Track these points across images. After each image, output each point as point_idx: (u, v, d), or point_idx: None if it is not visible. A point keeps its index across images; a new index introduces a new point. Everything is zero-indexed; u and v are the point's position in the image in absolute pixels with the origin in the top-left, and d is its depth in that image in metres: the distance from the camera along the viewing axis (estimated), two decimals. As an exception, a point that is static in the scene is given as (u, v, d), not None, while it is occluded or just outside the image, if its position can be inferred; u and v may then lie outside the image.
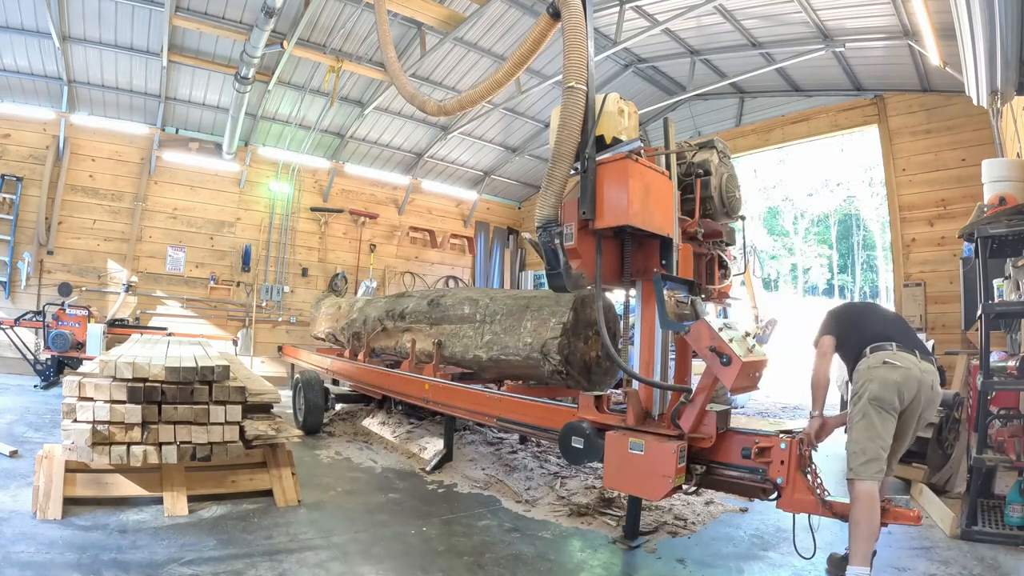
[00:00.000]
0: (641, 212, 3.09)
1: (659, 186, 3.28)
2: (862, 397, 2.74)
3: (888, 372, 2.71)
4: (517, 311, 4.61)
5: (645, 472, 2.92)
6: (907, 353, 2.78)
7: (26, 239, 8.36)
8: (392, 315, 6.12)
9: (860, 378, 2.80)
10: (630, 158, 3.11)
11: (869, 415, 2.70)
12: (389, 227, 11.82)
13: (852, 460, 2.69)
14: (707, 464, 3.03)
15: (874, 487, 2.59)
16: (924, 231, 7.77)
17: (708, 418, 2.95)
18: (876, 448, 2.65)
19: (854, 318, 3.09)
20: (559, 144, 3.20)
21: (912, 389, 2.72)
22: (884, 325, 3.01)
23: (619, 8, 7.77)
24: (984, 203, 4.77)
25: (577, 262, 3.17)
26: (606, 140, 3.28)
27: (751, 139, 10.13)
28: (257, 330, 10.05)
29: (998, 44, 3.58)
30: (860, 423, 2.72)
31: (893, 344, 2.80)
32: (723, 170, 3.62)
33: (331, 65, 8.30)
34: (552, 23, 3.59)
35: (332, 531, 3.31)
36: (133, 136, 9.20)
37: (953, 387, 5.49)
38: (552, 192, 3.19)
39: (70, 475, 3.29)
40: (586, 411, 3.36)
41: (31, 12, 7.20)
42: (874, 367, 2.76)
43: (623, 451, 3.01)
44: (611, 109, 3.33)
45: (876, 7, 6.58)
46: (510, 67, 3.86)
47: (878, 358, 2.77)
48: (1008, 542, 3.32)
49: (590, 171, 3.14)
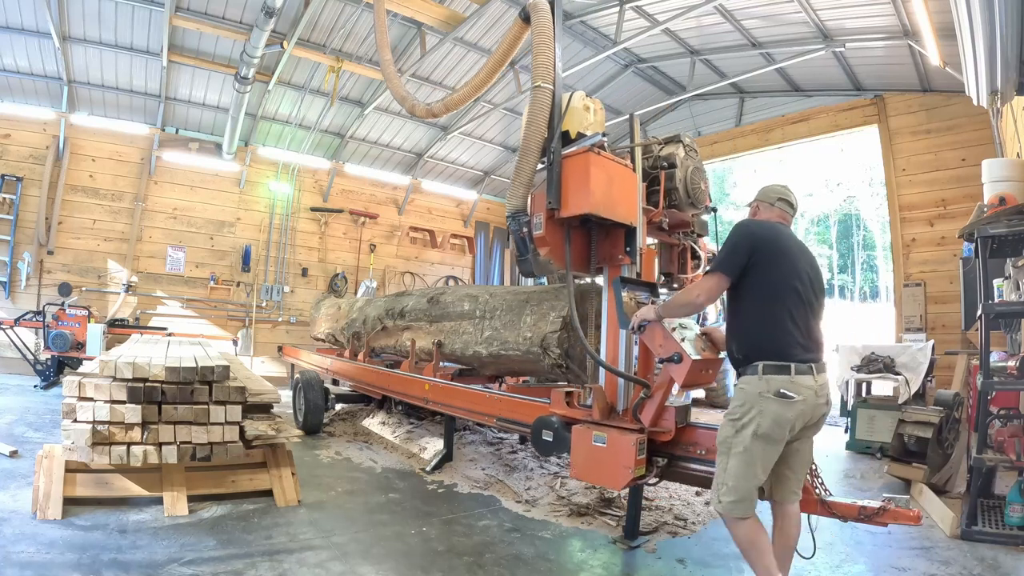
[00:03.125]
0: (603, 202, 3.25)
1: (622, 177, 3.42)
2: (747, 427, 2.36)
3: (783, 409, 2.33)
4: (517, 306, 4.62)
5: (607, 463, 3.05)
6: (805, 376, 2.37)
7: (26, 239, 8.35)
8: (392, 314, 6.12)
9: (748, 402, 2.39)
10: (592, 151, 3.28)
11: (752, 451, 2.35)
12: (389, 227, 11.82)
13: (724, 493, 2.38)
14: (668, 457, 3.13)
15: (748, 523, 2.37)
16: (924, 231, 7.78)
17: (667, 413, 3.05)
18: (751, 487, 2.36)
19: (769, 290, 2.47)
20: (527, 139, 3.44)
21: (806, 416, 2.41)
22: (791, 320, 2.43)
23: (619, 8, 7.77)
24: (984, 203, 4.77)
25: (545, 249, 3.38)
26: (571, 135, 3.47)
27: (751, 139, 10.14)
28: (257, 330, 10.05)
29: (998, 44, 3.58)
30: (741, 456, 2.36)
31: (792, 366, 2.36)
32: (689, 163, 3.73)
33: (331, 65, 8.30)
34: (524, 27, 3.81)
35: (332, 531, 3.32)
36: (133, 136, 9.20)
37: (953, 387, 5.50)
38: (520, 184, 3.44)
39: (70, 475, 3.29)
40: (557, 406, 3.50)
41: (31, 12, 7.20)
42: (766, 396, 2.35)
43: (588, 444, 3.16)
44: (577, 106, 3.53)
45: (876, 7, 6.59)
46: (488, 70, 4.16)
47: (773, 386, 2.34)
48: (1008, 542, 3.32)
49: (555, 164, 3.35)
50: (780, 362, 2.38)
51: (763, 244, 2.51)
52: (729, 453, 2.41)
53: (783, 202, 2.74)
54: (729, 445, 2.42)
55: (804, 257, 2.58)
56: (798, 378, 2.36)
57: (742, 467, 2.37)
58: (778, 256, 2.50)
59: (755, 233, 2.57)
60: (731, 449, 2.41)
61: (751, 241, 2.51)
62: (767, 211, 2.75)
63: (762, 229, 2.61)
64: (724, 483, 2.40)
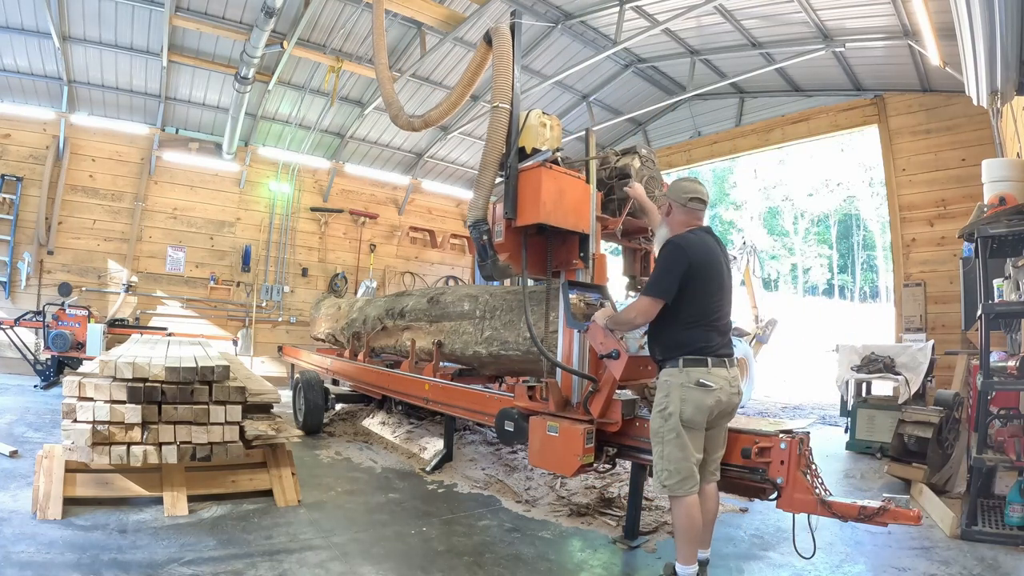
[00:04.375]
0: (554, 212, 3.51)
1: (574, 189, 3.67)
2: (673, 415, 2.66)
3: (703, 396, 2.65)
4: (516, 306, 4.62)
5: (559, 451, 3.31)
6: (720, 368, 2.71)
7: (26, 239, 8.36)
8: (392, 314, 6.12)
9: (672, 393, 2.69)
10: (544, 166, 3.54)
11: (682, 436, 2.65)
12: (389, 227, 11.82)
13: (667, 477, 2.66)
14: (618, 446, 3.39)
15: (693, 499, 2.65)
16: (924, 231, 7.78)
17: (615, 406, 3.29)
18: (690, 466, 2.65)
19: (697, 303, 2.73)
20: (486, 155, 3.73)
21: (721, 405, 2.71)
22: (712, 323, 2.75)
23: (619, 8, 7.77)
24: (984, 203, 4.77)
25: (504, 255, 3.67)
26: (527, 150, 3.71)
27: (751, 139, 10.13)
28: (257, 330, 10.05)
29: (998, 44, 3.58)
30: (674, 441, 2.66)
31: (709, 360, 2.69)
32: (644, 173, 3.97)
33: (331, 65, 8.30)
34: (489, 50, 4.04)
35: (332, 531, 3.32)
36: (133, 136, 9.20)
37: (953, 387, 5.50)
38: (480, 195, 3.73)
39: (70, 475, 3.29)
40: (519, 399, 3.76)
41: (31, 12, 7.20)
42: (687, 386, 2.66)
43: (543, 433, 3.43)
44: (533, 123, 3.78)
45: (876, 7, 6.58)
46: (460, 90, 4.48)
47: (692, 377, 2.66)
48: (1008, 542, 3.32)
49: (511, 177, 3.61)
50: (698, 355, 2.69)
51: (695, 269, 2.71)
52: (663, 441, 2.70)
53: (696, 201, 2.88)
54: (662, 434, 2.71)
55: (723, 263, 2.85)
56: (714, 370, 2.69)
57: (676, 451, 2.66)
58: (708, 279, 2.75)
59: (689, 258, 2.72)
60: (664, 437, 2.70)
61: (684, 268, 2.70)
62: (680, 211, 2.90)
63: (694, 251, 2.75)
64: (665, 468, 2.68)
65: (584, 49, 9.00)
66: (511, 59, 3.77)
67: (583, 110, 10.74)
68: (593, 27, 8.68)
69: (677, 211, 2.91)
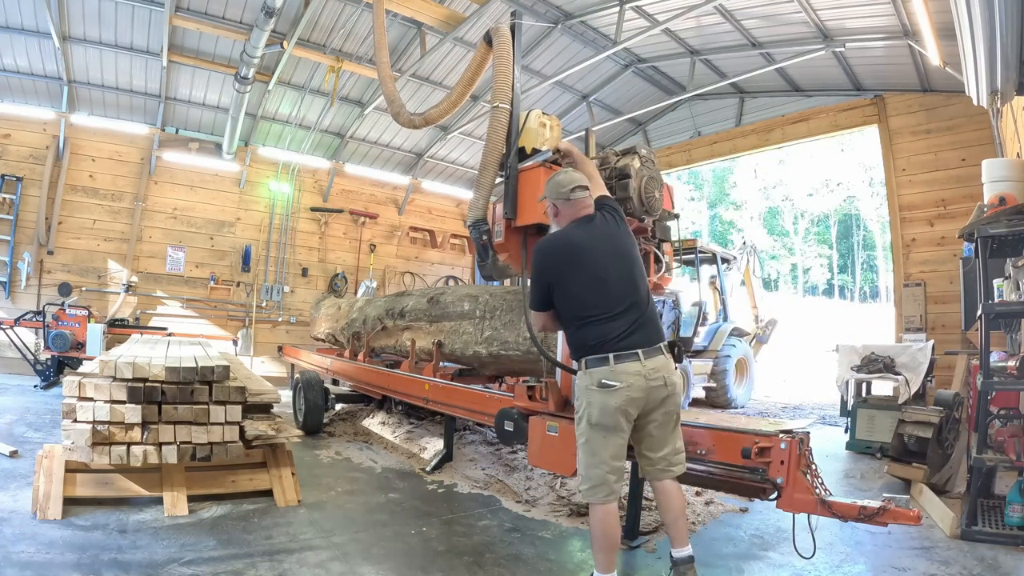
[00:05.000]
0: None
1: None
2: (583, 419, 2.54)
3: (607, 397, 2.45)
4: (517, 306, 4.62)
5: (558, 451, 3.26)
6: (628, 363, 2.47)
7: (26, 239, 8.36)
8: (392, 314, 6.12)
9: (580, 396, 2.58)
10: (544, 166, 3.51)
11: (592, 441, 2.51)
12: (389, 227, 11.82)
13: (580, 482, 2.58)
14: None
15: (607, 508, 2.50)
16: (924, 231, 7.78)
17: None
18: (601, 474, 2.49)
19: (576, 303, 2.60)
20: (486, 155, 3.73)
21: (640, 402, 2.50)
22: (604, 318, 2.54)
23: (619, 8, 7.77)
24: (984, 203, 4.77)
25: (504, 255, 3.67)
26: (527, 151, 3.70)
27: (751, 139, 10.14)
28: (257, 330, 10.05)
29: (998, 44, 3.58)
30: (584, 447, 2.55)
31: (611, 356, 2.47)
32: (644, 173, 3.92)
33: (331, 65, 8.30)
34: (489, 49, 4.02)
35: (332, 531, 3.31)
36: (133, 136, 9.21)
37: (953, 387, 5.50)
38: (480, 196, 3.73)
39: (70, 475, 3.29)
40: (519, 399, 3.75)
41: (31, 12, 7.21)
42: (591, 389, 2.50)
43: (542, 433, 3.39)
44: (533, 124, 3.77)
45: (876, 7, 6.59)
46: (461, 89, 4.47)
47: (595, 378, 2.48)
48: (1008, 542, 3.32)
49: (511, 178, 3.61)
50: (599, 355, 2.51)
51: (554, 269, 2.62)
52: (580, 446, 2.59)
53: (580, 189, 2.74)
54: (579, 439, 2.60)
55: (609, 252, 2.63)
56: (619, 366, 2.47)
57: (587, 456, 2.54)
58: (572, 273, 2.59)
59: (545, 263, 2.66)
60: (580, 442, 2.59)
61: (543, 273, 2.65)
62: (566, 207, 2.74)
63: (551, 251, 2.68)
64: (580, 473, 2.58)
65: (584, 49, 9.00)
66: (511, 59, 3.76)
67: (583, 110, 10.74)
68: (593, 27, 8.68)
69: (564, 208, 2.75)
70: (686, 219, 39.32)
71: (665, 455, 2.63)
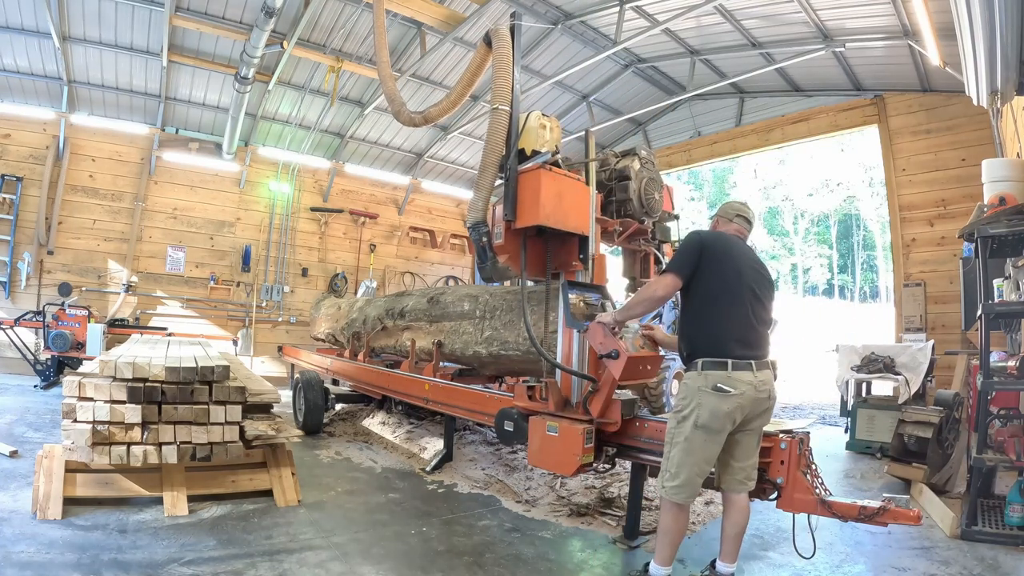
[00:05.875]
0: (553, 214, 3.54)
1: (574, 191, 3.70)
2: (688, 419, 2.58)
3: (720, 402, 2.53)
4: (517, 306, 4.62)
5: (559, 451, 3.31)
6: (743, 372, 2.57)
7: (26, 239, 8.35)
8: (392, 314, 6.12)
9: (689, 396, 2.61)
10: (544, 168, 3.55)
11: (693, 441, 2.56)
12: (389, 227, 11.82)
13: (668, 479, 2.61)
14: (617, 446, 3.42)
15: (680, 510, 2.61)
16: (924, 231, 7.78)
17: (614, 406, 3.29)
18: (692, 474, 2.57)
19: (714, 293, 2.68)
20: (486, 156, 3.74)
21: (746, 410, 2.59)
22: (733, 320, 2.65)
23: (619, 8, 7.77)
24: (984, 203, 4.77)
25: (504, 256, 3.70)
26: (527, 152, 3.73)
27: (751, 139, 10.13)
28: (257, 330, 10.05)
29: (998, 44, 3.58)
30: (682, 445, 2.59)
31: (729, 363, 2.57)
32: (644, 174, 4.00)
33: (331, 65, 8.30)
34: (489, 51, 4.03)
35: (332, 531, 3.32)
36: (133, 136, 9.20)
37: (953, 387, 5.50)
38: (480, 197, 3.76)
39: (70, 475, 3.29)
40: (519, 399, 3.77)
41: (31, 12, 7.20)
42: (704, 391, 2.56)
43: (542, 433, 3.43)
44: (533, 125, 3.79)
45: (876, 7, 6.59)
46: (460, 89, 4.49)
47: (711, 380, 2.55)
48: (1008, 542, 3.32)
49: (511, 180, 3.63)
50: (718, 359, 2.59)
51: (711, 251, 2.72)
52: (672, 443, 2.64)
53: (740, 218, 2.97)
54: (672, 435, 2.65)
55: (751, 265, 2.78)
56: (735, 373, 2.57)
57: (683, 455, 2.59)
58: (724, 263, 2.70)
59: (704, 240, 2.76)
60: (674, 439, 2.64)
61: (700, 247, 2.72)
62: (725, 226, 2.97)
63: (711, 237, 2.82)
64: (668, 470, 2.63)
65: (584, 49, 9.00)
66: (511, 61, 3.76)
67: (583, 110, 10.74)
68: (593, 27, 8.68)
69: (723, 226, 2.99)
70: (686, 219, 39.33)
71: (748, 466, 2.72)
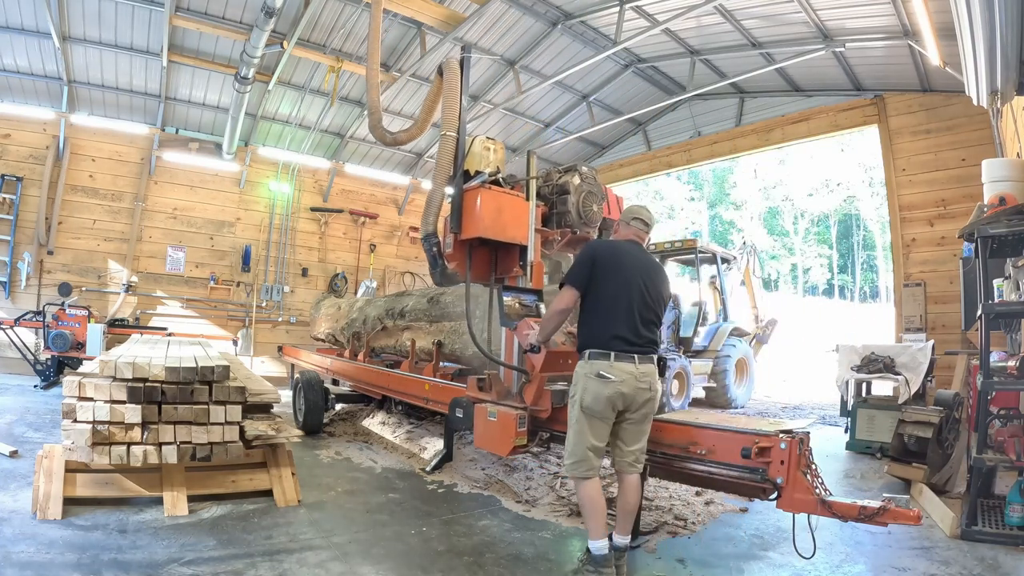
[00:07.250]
0: (492, 226, 4.00)
1: (513, 206, 4.14)
2: (576, 403, 2.90)
3: (601, 387, 2.81)
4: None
5: (496, 434, 3.76)
6: (625, 363, 2.84)
7: (26, 239, 8.36)
8: (392, 314, 6.12)
9: (576, 381, 2.94)
10: (484, 186, 4.03)
11: (580, 423, 2.87)
12: (389, 227, 11.82)
13: (565, 458, 2.97)
14: (551, 432, 3.79)
15: (590, 483, 2.85)
16: (924, 231, 7.78)
17: (546, 395, 3.67)
18: (583, 451, 2.85)
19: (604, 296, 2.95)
20: (435, 177, 4.24)
21: (627, 399, 2.85)
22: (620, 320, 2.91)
23: (619, 8, 7.77)
24: (984, 203, 4.77)
25: (453, 264, 4.19)
26: (471, 172, 4.21)
27: (751, 139, 10.13)
28: (257, 330, 10.05)
29: (998, 44, 3.58)
30: (574, 427, 2.91)
31: (612, 354, 2.85)
32: (583, 188, 4.37)
33: (331, 65, 8.30)
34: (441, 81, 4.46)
35: (332, 531, 3.31)
36: (133, 136, 9.21)
37: (953, 387, 5.50)
38: (431, 212, 4.27)
39: (70, 475, 3.29)
40: (470, 389, 4.23)
41: (31, 12, 7.20)
42: (589, 377, 2.86)
43: (484, 418, 3.89)
44: (477, 149, 4.29)
45: (876, 7, 6.59)
46: (424, 116, 4.96)
47: (594, 368, 2.85)
48: (1008, 542, 3.32)
49: (456, 197, 4.12)
50: (602, 350, 2.88)
51: (602, 260, 2.99)
52: (570, 426, 2.95)
53: (638, 220, 3.21)
54: (570, 420, 2.96)
55: (641, 271, 3.02)
56: (617, 363, 2.85)
57: (575, 436, 2.90)
58: (615, 272, 2.97)
59: (596, 253, 3.04)
60: (571, 423, 2.95)
61: (592, 259, 2.99)
62: (624, 228, 3.23)
63: (603, 248, 3.11)
64: (566, 450, 2.97)
65: (584, 49, 9.00)
66: (459, 91, 4.23)
67: (583, 110, 10.74)
68: (593, 27, 8.68)
69: (622, 228, 3.25)
70: (686, 219, 39.37)
71: (636, 450, 2.98)
